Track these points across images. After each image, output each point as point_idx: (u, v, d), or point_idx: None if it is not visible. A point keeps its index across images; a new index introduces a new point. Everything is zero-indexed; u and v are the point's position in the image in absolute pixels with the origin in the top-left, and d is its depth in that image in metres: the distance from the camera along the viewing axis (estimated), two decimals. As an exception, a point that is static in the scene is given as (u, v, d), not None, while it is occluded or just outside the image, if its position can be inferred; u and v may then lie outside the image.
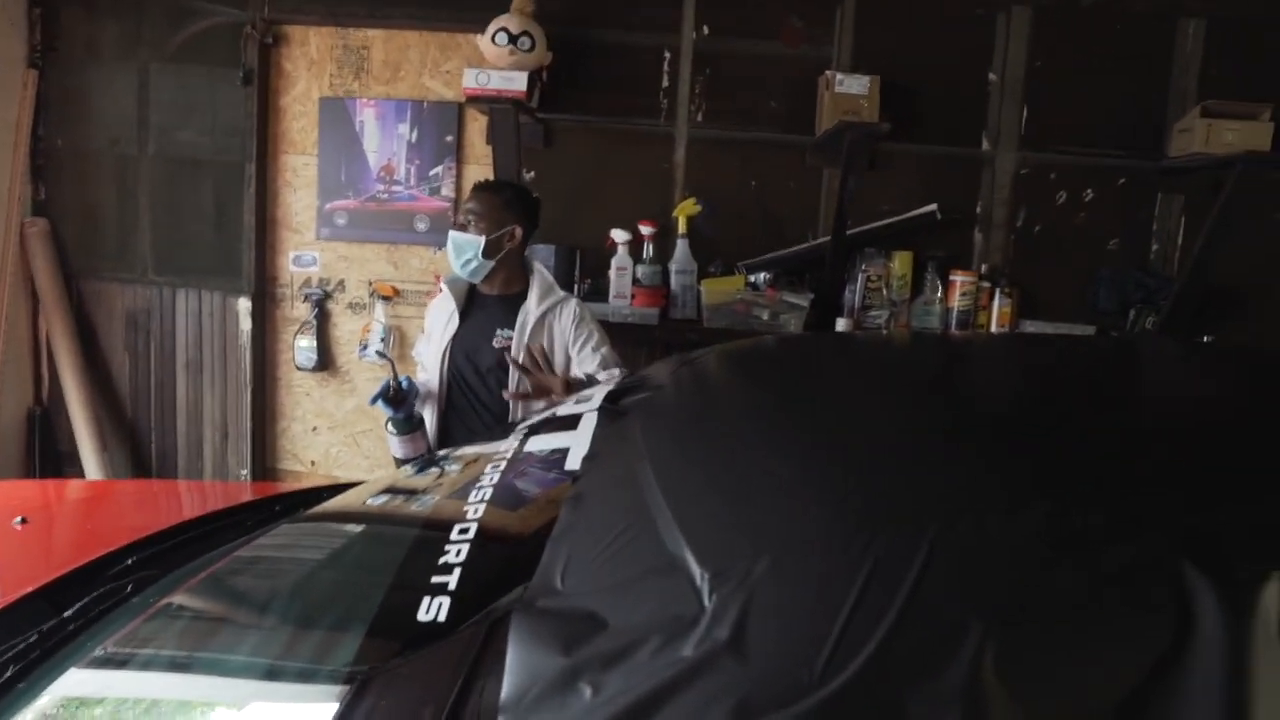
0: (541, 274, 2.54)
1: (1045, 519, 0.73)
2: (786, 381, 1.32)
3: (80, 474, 3.71)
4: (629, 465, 1.02)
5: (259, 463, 3.75)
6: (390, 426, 2.46)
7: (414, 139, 3.55)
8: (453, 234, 2.47)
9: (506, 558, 1.06)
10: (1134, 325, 3.44)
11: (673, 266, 3.40)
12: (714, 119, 3.49)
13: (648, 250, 3.40)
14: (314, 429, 3.76)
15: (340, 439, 3.77)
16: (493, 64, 3.16)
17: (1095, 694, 0.61)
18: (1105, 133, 3.47)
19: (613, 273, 3.35)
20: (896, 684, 0.61)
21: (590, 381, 2.37)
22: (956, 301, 3.45)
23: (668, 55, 3.47)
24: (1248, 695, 0.58)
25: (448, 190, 3.56)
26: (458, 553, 1.00)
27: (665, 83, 3.49)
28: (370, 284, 3.64)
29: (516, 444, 1.38)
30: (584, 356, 2.44)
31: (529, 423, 1.56)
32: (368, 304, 3.66)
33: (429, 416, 2.54)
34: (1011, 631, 0.62)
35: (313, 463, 3.78)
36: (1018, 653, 0.61)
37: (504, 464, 1.29)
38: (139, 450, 3.87)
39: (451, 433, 2.52)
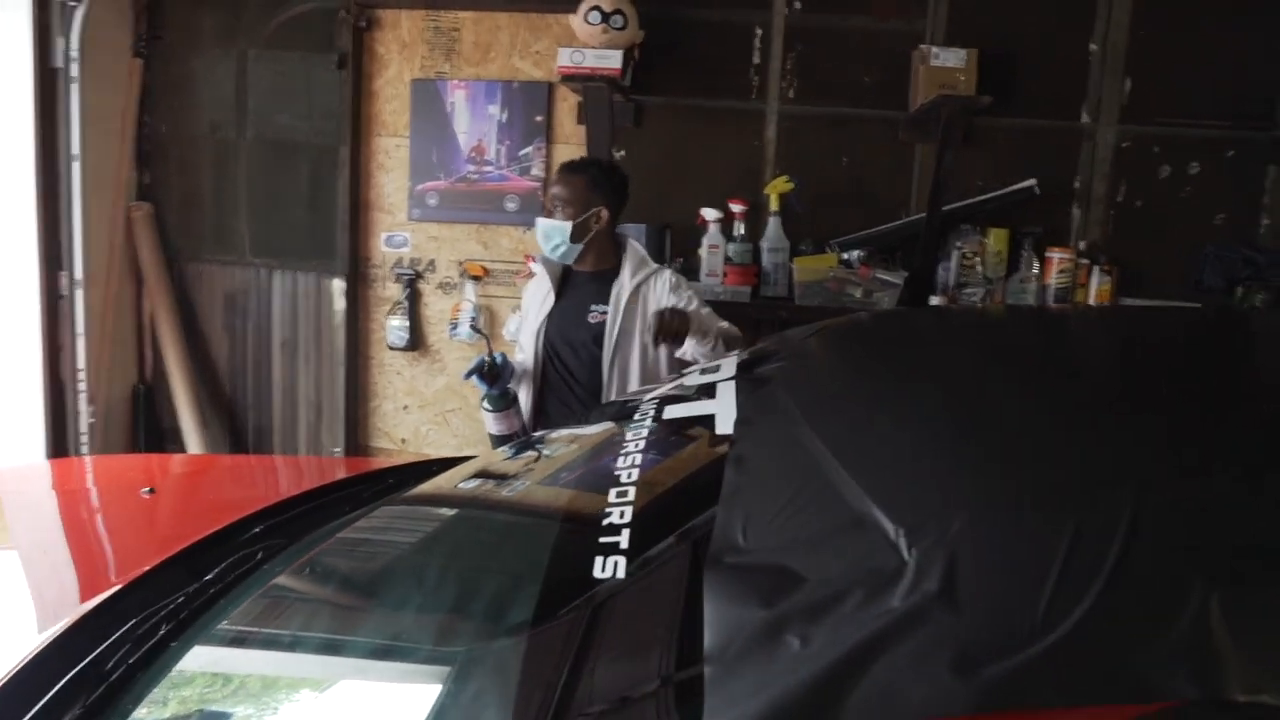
0: (634, 248, 2.55)
1: (1242, 479, 0.73)
2: (929, 351, 1.31)
3: (182, 449, 3.83)
4: (788, 429, 1.03)
5: (351, 440, 3.83)
6: (486, 403, 2.49)
7: (504, 119, 3.58)
8: (540, 221, 2.50)
9: (669, 516, 1.06)
10: (1242, 303, 3.33)
11: (764, 244, 3.38)
12: (805, 95, 3.46)
13: (739, 228, 3.39)
14: (405, 407, 3.83)
15: (430, 417, 3.83)
16: (585, 43, 3.17)
17: None
18: (1212, 103, 3.36)
19: (704, 250, 3.34)
20: (1119, 637, 0.61)
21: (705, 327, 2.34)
22: (1053, 279, 3.38)
23: (759, 32, 3.45)
24: None
25: (538, 170, 3.58)
26: (621, 514, 1.01)
27: (756, 60, 3.47)
28: (460, 264, 3.69)
29: (652, 413, 1.39)
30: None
31: (656, 394, 1.57)
32: (457, 284, 3.71)
33: (524, 395, 2.57)
34: (1237, 587, 0.62)
35: (403, 440, 3.85)
36: (1243, 606, 0.61)
37: (644, 430, 1.30)
38: (237, 427, 3.98)
39: (546, 409, 2.55)
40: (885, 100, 3.42)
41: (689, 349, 2.33)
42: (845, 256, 3.37)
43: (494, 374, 2.43)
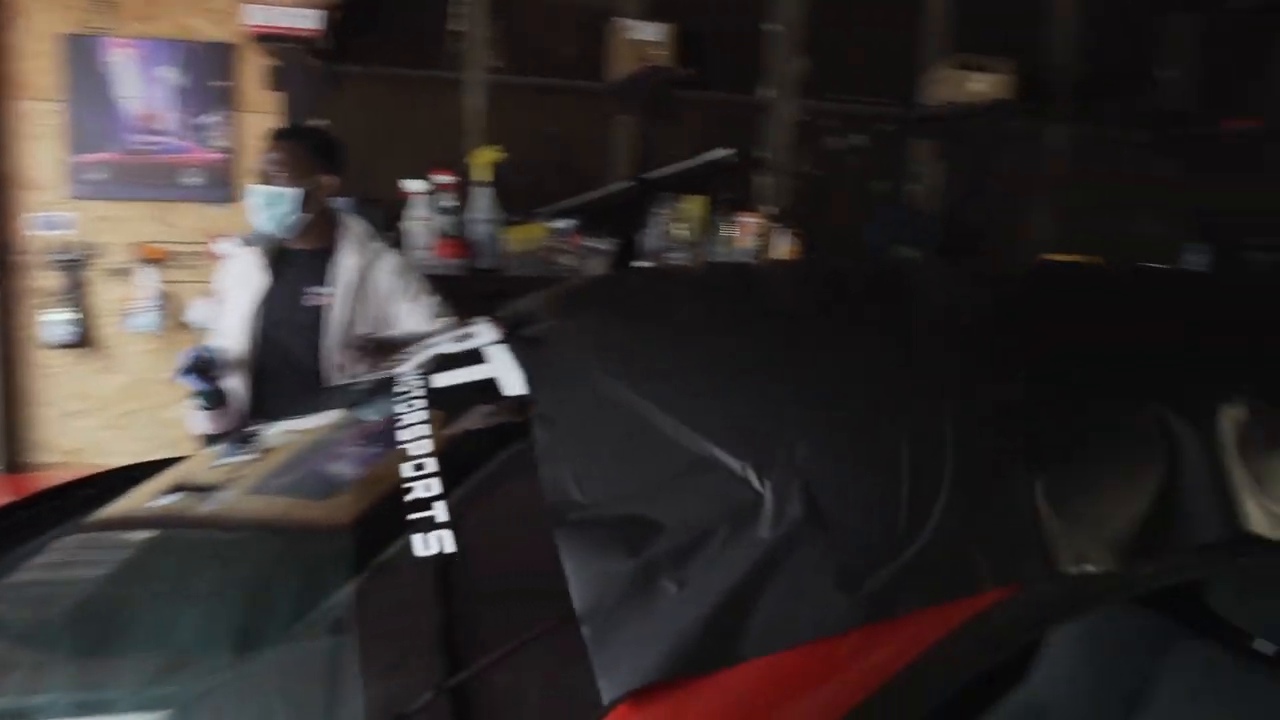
0: (353, 224, 2.40)
1: (1046, 387, 0.83)
2: (702, 300, 1.36)
3: None
4: (592, 384, 1.03)
5: (8, 456, 3.31)
6: (200, 401, 2.24)
7: (180, 84, 3.24)
8: (259, 189, 2.28)
9: (478, 481, 1.03)
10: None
11: (474, 216, 3.33)
12: (510, 65, 3.45)
13: (446, 200, 3.31)
14: (73, 413, 3.37)
15: (106, 422, 3.40)
16: (276, 1, 2.94)
17: (1124, 509, 0.70)
18: (871, 82, 3.76)
19: (413, 224, 3.23)
20: (970, 535, 0.67)
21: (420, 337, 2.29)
22: (747, 242, 3.63)
23: (460, -1, 3.38)
24: (1228, 489, 0.69)
25: (223, 141, 3.28)
26: (426, 487, 0.96)
27: (458, 27, 3.39)
28: (136, 247, 3.30)
29: (417, 383, 1.33)
30: (411, 307, 2.34)
31: (408, 367, 1.50)
32: (134, 269, 3.31)
33: (237, 385, 2.34)
34: (1052, 472, 0.70)
35: (73, 451, 3.38)
36: (1060, 488, 0.69)
37: (418, 401, 1.24)
38: None
39: (266, 400, 2.33)
40: (588, 71, 3.49)
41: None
42: (556, 226, 3.41)
43: (209, 369, 2.21)
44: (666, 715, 0.62)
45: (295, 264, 2.35)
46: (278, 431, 1.74)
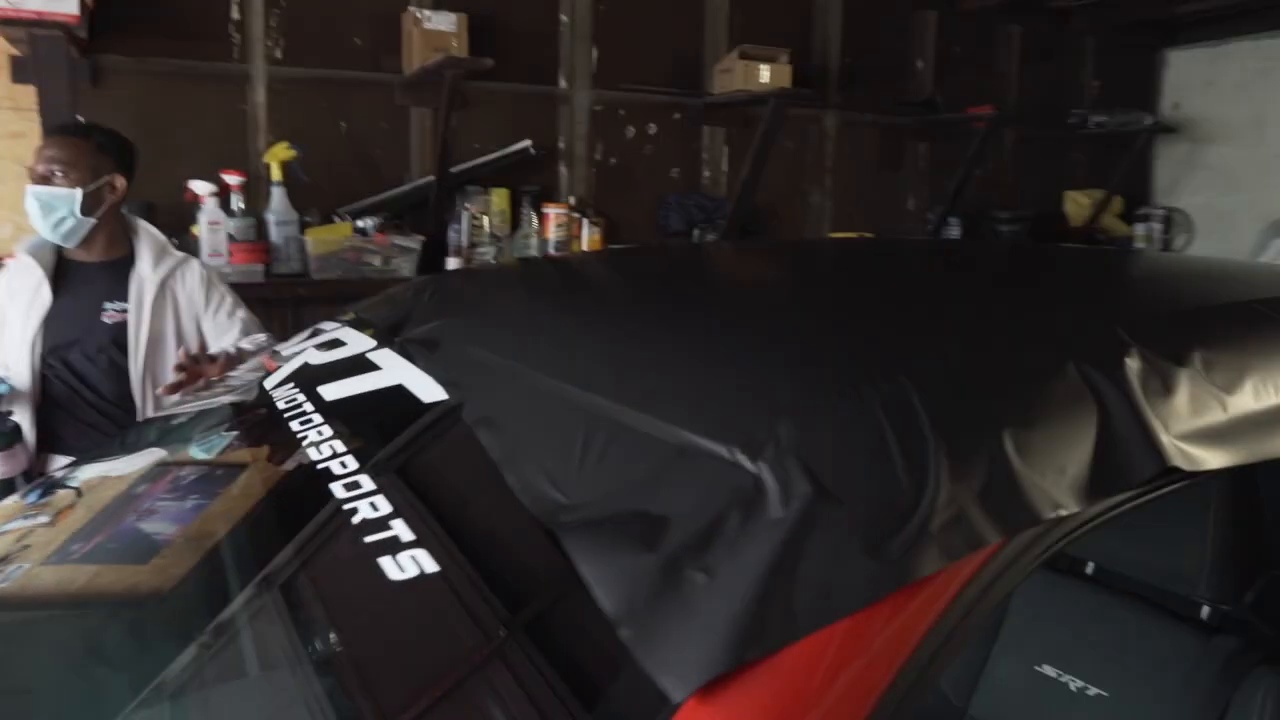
0: (149, 232, 2.18)
1: (984, 349, 0.92)
2: (593, 287, 1.38)
3: None
4: (523, 385, 1.01)
5: None
6: None
7: (-100, 77, 2.82)
8: (35, 189, 2.02)
9: (429, 494, 0.99)
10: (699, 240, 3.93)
11: (270, 218, 3.14)
12: (294, 56, 3.25)
13: (237, 202, 3.10)
14: None
15: None
16: (18, -16, 2.61)
17: (1077, 456, 0.78)
18: (660, 72, 3.86)
19: (203, 229, 2.99)
20: (961, 492, 0.73)
21: (240, 355, 2.15)
22: (552, 233, 3.64)
23: (234, -16, 3.15)
24: (1148, 431, 0.81)
25: (-40, 141, 2.89)
26: (373, 505, 0.92)
27: (236, 15, 3.15)
28: None
29: (300, 399, 1.26)
30: (221, 323, 2.18)
31: (279, 379, 1.41)
32: None
33: (24, 420, 2.07)
34: (1016, 426, 0.78)
35: None
36: (1025, 440, 0.77)
37: (314, 417, 1.18)
38: None
39: (58, 432, 2.09)
40: (379, 62, 3.36)
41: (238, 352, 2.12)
42: (359, 225, 3.28)
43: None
44: (738, 703, 0.62)
45: (85, 278, 2.10)
46: (95, 473, 1.58)
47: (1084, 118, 4.91)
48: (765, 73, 3.67)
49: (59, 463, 2.02)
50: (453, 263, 3.42)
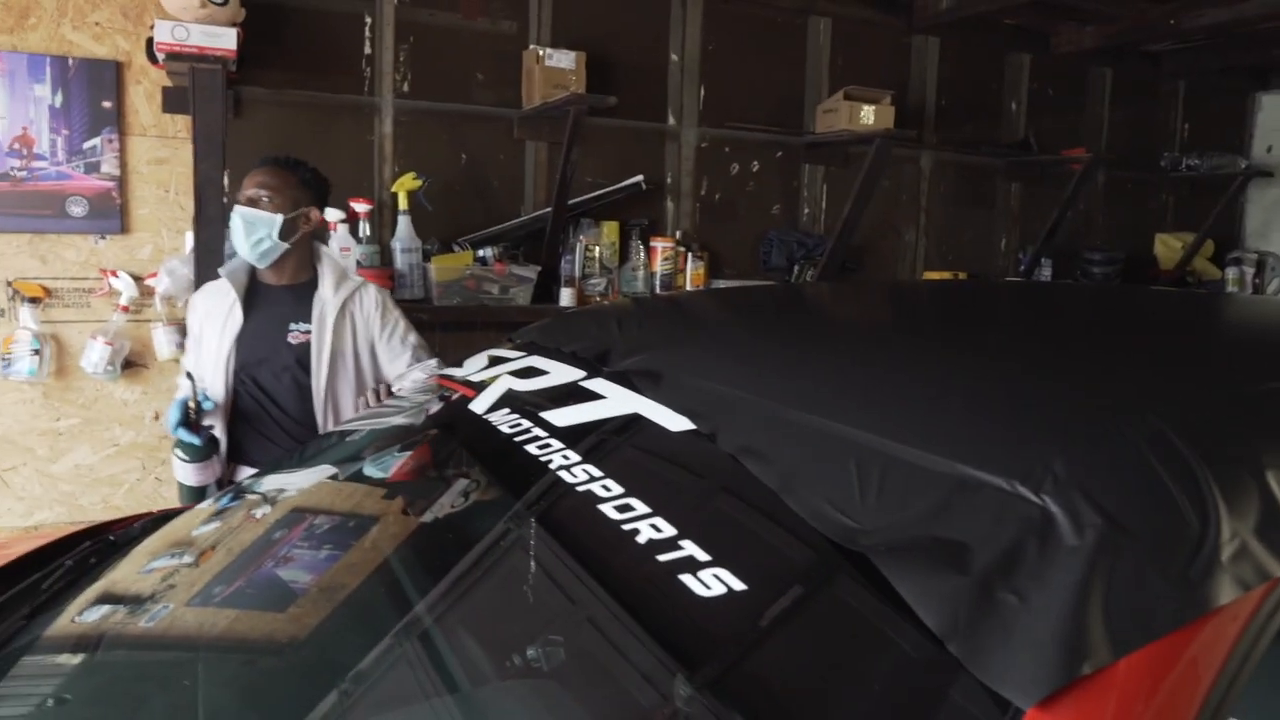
0: (331, 258, 2.30)
1: (1228, 392, 0.96)
2: (824, 320, 1.41)
3: None
4: (770, 416, 1.04)
5: None
6: (181, 452, 2.07)
7: (58, 103, 2.95)
8: (241, 210, 2.14)
9: (703, 517, 1.03)
10: (798, 277, 3.96)
11: (396, 245, 3.23)
12: (421, 90, 3.36)
13: (364, 229, 3.19)
14: (-59, 470, 2.99)
15: (-23, 479, 3.05)
16: (177, 17, 2.73)
17: None
18: (764, 111, 3.93)
19: (334, 254, 3.09)
20: (1247, 515, 0.76)
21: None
22: (659, 266, 3.71)
23: (369, 21, 3.26)
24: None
25: (109, 167, 3.01)
26: (655, 528, 0.95)
27: (368, 50, 3.28)
28: (9, 283, 2.97)
29: (527, 424, 1.29)
30: (394, 347, 2.26)
31: (489, 403, 1.45)
32: (7, 308, 2.98)
33: (218, 432, 2.18)
34: (1276, 461, 0.81)
35: (-59, 513, 3.01)
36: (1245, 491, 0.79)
37: (550, 441, 1.21)
38: None
39: (244, 445, 2.21)
40: (499, 97, 3.46)
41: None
42: (480, 254, 3.36)
43: (199, 419, 2.05)
44: (1069, 715, 0.66)
45: (273, 300, 2.22)
46: (277, 484, 1.63)
47: (1176, 160, 4.91)
48: (870, 114, 3.72)
49: (245, 474, 2.09)
50: (566, 293, 3.49)
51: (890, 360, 1.17)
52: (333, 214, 3.11)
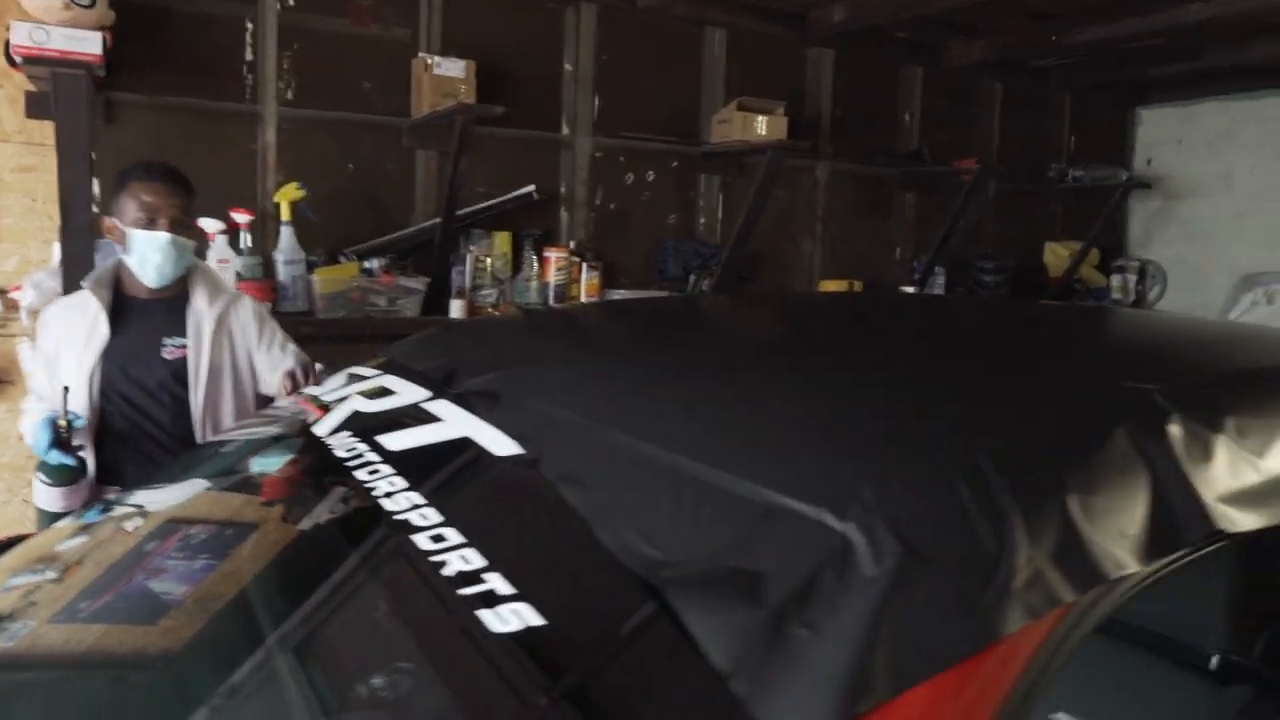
0: (202, 269, 2.23)
1: (1042, 418, 0.97)
2: (655, 341, 1.42)
3: None
4: (595, 440, 1.05)
5: None
6: (45, 475, 1.95)
7: (-86, 111, 2.83)
8: (158, 236, 2.03)
9: (516, 545, 1.02)
10: (694, 287, 4.00)
11: (279, 256, 3.17)
12: (306, 98, 3.30)
13: (245, 239, 3.13)
14: None
15: None
16: (40, 19, 2.64)
17: (1134, 517, 0.83)
18: (659, 121, 3.96)
19: (212, 266, 3.01)
20: (1044, 542, 0.78)
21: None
22: (552, 276, 3.70)
23: (250, 26, 3.19)
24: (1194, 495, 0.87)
25: (-30, 176, 2.90)
26: (464, 559, 0.95)
27: (249, 56, 3.20)
28: None
29: (363, 449, 1.29)
30: (274, 356, 2.21)
31: (333, 425, 1.43)
32: None
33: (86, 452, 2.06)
34: (1080, 487, 0.83)
35: None
36: (1088, 501, 0.82)
37: (379, 466, 1.21)
38: None
39: (119, 466, 2.10)
40: (387, 106, 3.42)
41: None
42: (366, 266, 3.32)
43: (69, 439, 1.94)
44: None
45: (142, 313, 2.13)
46: (146, 499, 1.60)
47: (1063, 172, 5.08)
48: (763, 124, 3.77)
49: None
50: (456, 304, 3.46)
51: (726, 381, 1.17)
52: (212, 224, 3.03)
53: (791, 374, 1.21)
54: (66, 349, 2.09)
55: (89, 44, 2.62)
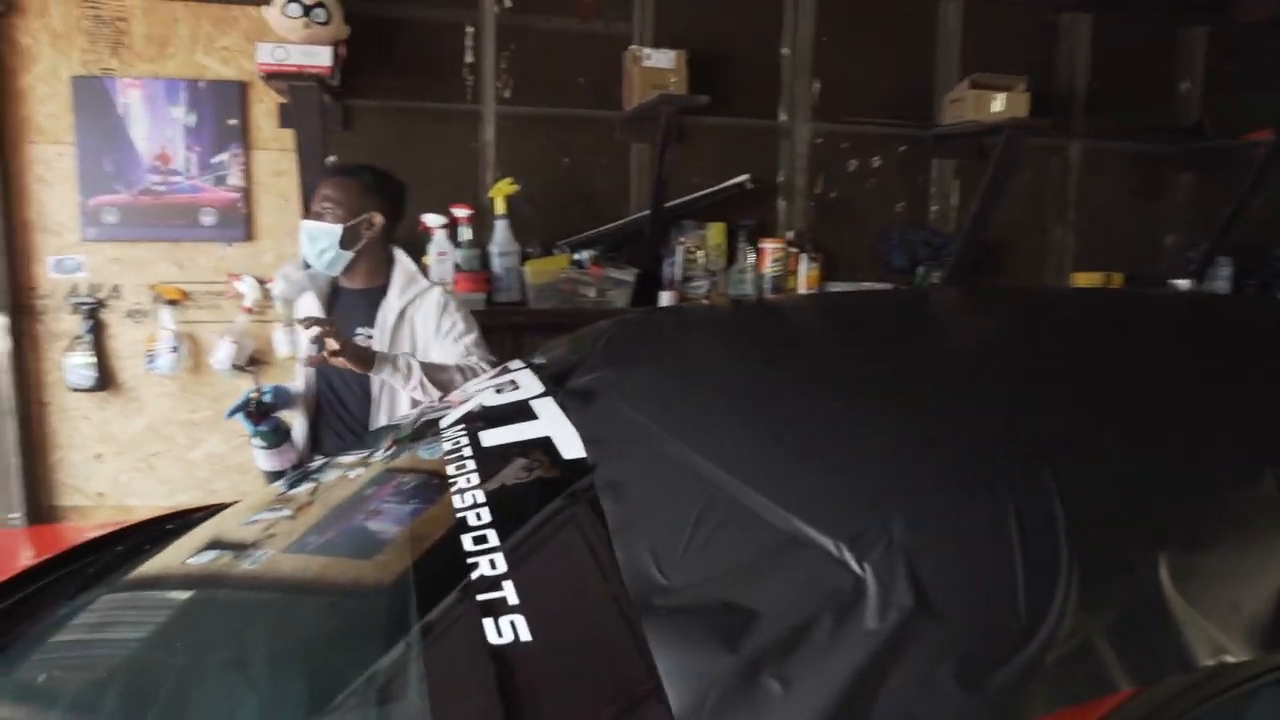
0: (403, 264, 2.38)
1: (1157, 452, 0.78)
2: (756, 348, 1.31)
3: None
4: (657, 447, 0.97)
5: (33, 502, 3.26)
6: (256, 440, 2.28)
7: (192, 123, 3.20)
8: (306, 224, 2.29)
9: (546, 557, 0.97)
10: (923, 280, 3.73)
11: (493, 249, 3.30)
12: (522, 96, 3.42)
13: (464, 233, 3.28)
14: (98, 456, 3.33)
15: (130, 465, 3.36)
16: (283, 38, 2.91)
17: (1259, 589, 0.65)
18: (886, 103, 3.73)
19: (432, 259, 3.19)
20: (1094, 627, 0.62)
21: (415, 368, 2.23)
22: (768, 268, 3.59)
23: (470, 30, 3.35)
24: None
25: (235, 179, 3.24)
26: (492, 563, 0.91)
27: (469, 59, 3.36)
28: (152, 287, 3.26)
29: (464, 441, 1.28)
30: (444, 346, 2.30)
31: (450, 419, 1.45)
32: (150, 310, 3.27)
33: (299, 423, 2.37)
34: (1181, 550, 0.65)
35: (100, 494, 3.35)
36: (1190, 568, 0.64)
37: (466, 462, 1.19)
38: None
39: (322, 439, 2.36)
40: (600, 100, 3.46)
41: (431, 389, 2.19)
42: (576, 257, 3.38)
43: (261, 411, 2.22)
44: None
45: (348, 304, 2.35)
46: (321, 478, 1.69)
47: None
48: (999, 101, 3.44)
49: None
50: (666, 296, 3.45)
51: (834, 392, 1.04)
52: (433, 219, 3.21)
53: (905, 382, 1.04)
54: (304, 331, 2.31)
55: (320, 57, 2.85)
